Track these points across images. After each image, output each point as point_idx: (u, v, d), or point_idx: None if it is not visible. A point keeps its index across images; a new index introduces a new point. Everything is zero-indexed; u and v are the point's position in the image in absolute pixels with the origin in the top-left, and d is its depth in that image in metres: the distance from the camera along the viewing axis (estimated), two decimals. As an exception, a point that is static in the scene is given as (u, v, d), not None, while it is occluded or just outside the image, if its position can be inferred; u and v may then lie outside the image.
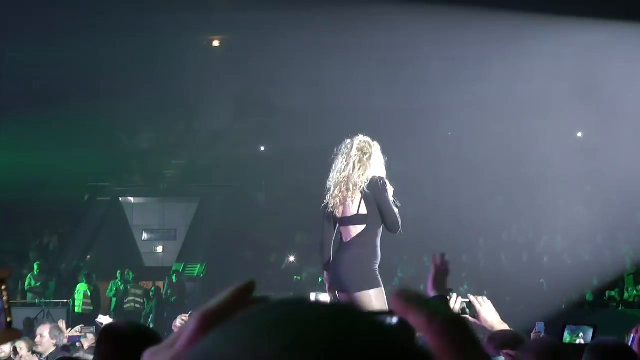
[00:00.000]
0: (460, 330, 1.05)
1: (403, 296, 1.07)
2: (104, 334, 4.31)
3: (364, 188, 7.17)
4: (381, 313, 1.05)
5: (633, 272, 21.67)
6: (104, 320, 12.07)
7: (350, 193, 7.24)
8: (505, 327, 5.37)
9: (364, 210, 7.19)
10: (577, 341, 5.14)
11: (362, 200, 7.20)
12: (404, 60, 25.64)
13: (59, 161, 25.25)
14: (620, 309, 19.52)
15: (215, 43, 29.12)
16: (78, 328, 11.04)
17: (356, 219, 7.23)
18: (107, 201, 29.59)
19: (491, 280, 20.99)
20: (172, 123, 29.38)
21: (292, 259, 25.59)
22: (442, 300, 5.61)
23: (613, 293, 21.18)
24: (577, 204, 23.74)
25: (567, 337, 5.27)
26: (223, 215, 27.54)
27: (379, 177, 7.20)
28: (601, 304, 20.69)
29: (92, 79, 25.15)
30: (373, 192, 7.16)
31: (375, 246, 7.24)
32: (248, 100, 27.68)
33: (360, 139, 7.43)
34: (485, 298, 5.53)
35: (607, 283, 21.62)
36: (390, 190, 7.35)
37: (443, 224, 22.69)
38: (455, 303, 5.62)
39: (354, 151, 7.32)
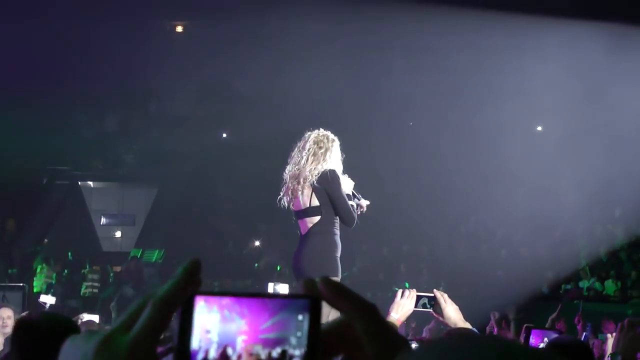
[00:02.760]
0: (382, 316, 1.15)
1: (333, 284, 1.16)
2: (17, 326, 4.32)
3: (314, 182, 7.25)
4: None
5: (588, 265, 21.95)
6: (47, 300, 11.99)
7: (300, 186, 7.32)
8: (467, 325, 5.43)
9: (315, 202, 7.30)
10: (541, 345, 5.20)
11: (313, 193, 7.29)
12: (366, 50, 25.65)
13: (18, 144, 25.02)
14: (575, 302, 19.73)
15: (179, 29, 28.98)
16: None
17: (310, 211, 7.33)
18: (65, 185, 29.41)
19: (449, 272, 21.15)
20: (133, 107, 29.21)
21: (257, 243, 25.64)
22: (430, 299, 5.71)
23: (569, 286, 21.43)
24: (535, 197, 23.92)
25: (532, 342, 5.32)
26: (182, 202, 27.47)
27: (329, 170, 7.26)
28: (556, 297, 20.90)
29: (53, 60, 24.89)
30: (323, 185, 7.24)
31: (334, 234, 7.30)
32: (211, 87, 27.60)
33: (319, 132, 7.48)
34: (447, 298, 5.60)
35: (563, 277, 21.89)
36: (347, 183, 7.41)
37: (402, 215, 22.78)
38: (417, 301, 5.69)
39: (310, 144, 7.39)
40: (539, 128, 27.49)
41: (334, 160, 7.36)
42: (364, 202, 7.60)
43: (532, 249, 22.79)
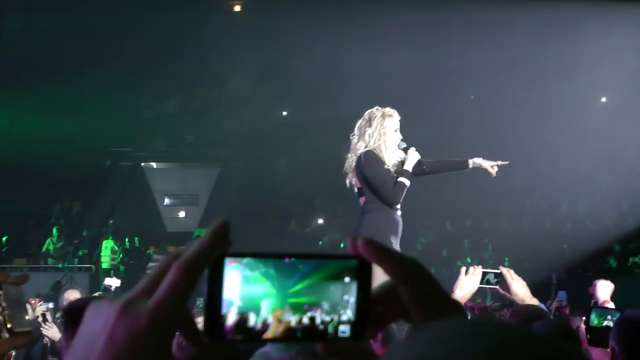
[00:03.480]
0: (429, 277, 1.09)
1: (375, 244, 1.09)
2: (65, 311, 4.23)
3: (352, 165, 7.31)
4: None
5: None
6: (112, 282, 11.97)
7: (351, 168, 7.39)
8: (535, 302, 5.35)
9: (358, 184, 7.31)
10: (605, 323, 5.09)
11: (355, 176, 7.31)
12: (426, 25, 25.45)
13: (82, 127, 25.34)
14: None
15: (237, 8, 29.00)
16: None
17: (359, 192, 7.38)
18: (129, 166, 29.70)
19: (513, 246, 20.95)
20: (194, 89, 29.36)
21: (320, 221, 25.66)
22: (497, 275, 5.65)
23: (637, 259, 21.10)
24: (600, 169, 23.60)
25: (594, 320, 5.22)
26: (245, 180, 27.56)
27: (363, 153, 7.25)
28: (625, 271, 20.63)
29: (115, 44, 25.12)
30: (359, 169, 7.25)
31: (383, 212, 7.26)
32: (270, 66, 27.61)
33: (370, 111, 7.46)
34: (514, 274, 5.54)
35: (631, 249, 21.56)
36: (412, 157, 7.34)
37: (465, 190, 22.63)
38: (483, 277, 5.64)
39: (359, 125, 7.43)
40: (603, 99, 27.05)
41: (381, 135, 7.32)
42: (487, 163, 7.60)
43: (598, 221, 22.48)
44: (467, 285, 5.60)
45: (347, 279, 1.10)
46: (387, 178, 7.21)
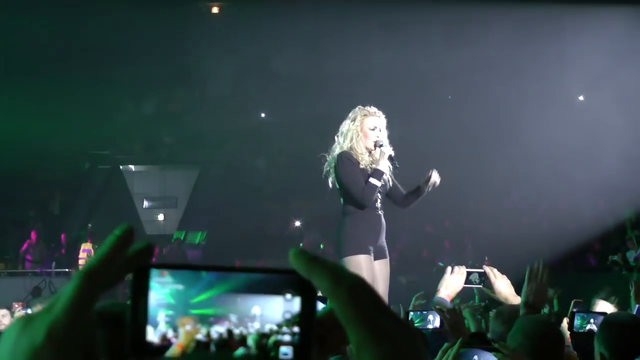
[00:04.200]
0: (367, 293, 0.99)
1: (304, 257, 1.00)
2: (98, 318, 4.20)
3: (331, 165, 7.33)
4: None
5: (635, 236, 21.68)
6: None
7: (330, 169, 7.40)
8: (518, 300, 5.34)
9: (336, 185, 7.31)
10: (588, 327, 5.09)
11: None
12: (403, 24, 25.47)
13: (60, 129, 25.19)
14: (623, 273, 19.53)
15: (215, 9, 28.94)
16: None
17: (337, 193, 7.35)
18: (107, 169, 29.58)
19: (492, 245, 20.99)
20: (171, 90, 29.28)
21: (297, 223, 25.64)
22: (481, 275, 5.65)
23: (616, 257, 21.18)
24: (578, 168, 23.68)
25: (577, 324, 5.21)
26: (224, 183, 27.51)
27: (337, 155, 7.25)
28: (604, 269, 20.72)
29: (91, 45, 25.02)
30: (335, 171, 7.26)
31: (362, 212, 7.21)
32: (248, 67, 27.57)
33: (355, 109, 7.46)
34: (497, 272, 5.54)
35: (610, 247, 21.65)
36: (384, 153, 7.30)
37: (444, 190, 22.65)
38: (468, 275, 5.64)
39: (341, 126, 7.45)
40: (581, 97, 27.14)
41: (358, 133, 7.31)
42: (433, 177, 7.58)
43: (577, 220, 22.56)
44: (452, 284, 5.61)
45: (288, 296, 1.01)
46: (357, 180, 7.18)
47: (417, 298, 7.08)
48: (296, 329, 1.01)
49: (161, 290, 1.02)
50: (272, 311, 1.01)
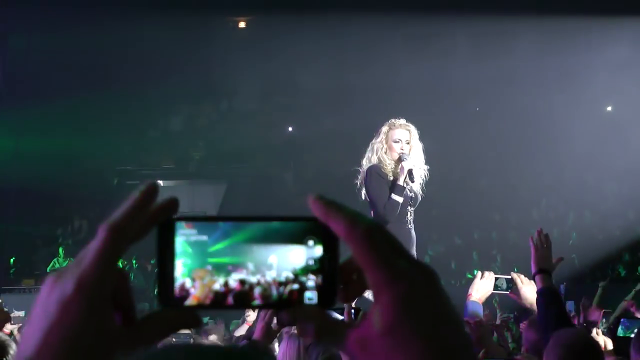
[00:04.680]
0: (382, 235, 1.01)
1: (322, 201, 1.03)
2: None
3: (362, 179, 7.32)
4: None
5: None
6: None
7: (361, 182, 7.38)
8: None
9: (366, 198, 7.30)
10: (632, 335, 5.09)
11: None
12: (429, 37, 25.47)
13: (88, 146, 25.35)
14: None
15: (242, 24, 29.04)
16: None
17: (369, 205, 7.33)
18: (135, 185, 29.65)
19: (521, 256, 20.86)
20: (199, 105, 29.37)
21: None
22: (508, 281, 5.67)
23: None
24: (607, 179, 23.55)
25: (620, 332, 5.21)
26: (252, 197, 27.53)
27: (368, 168, 7.23)
28: (635, 279, 20.57)
29: (120, 62, 25.18)
30: (364, 185, 7.26)
31: (391, 225, 7.12)
32: (275, 82, 27.63)
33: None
34: (525, 278, 5.56)
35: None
36: (406, 166, 7.26)
37: (472, 202, 22.61)
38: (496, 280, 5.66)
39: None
40: (609, 108, 27.01)
41: (383, 146, 7.29)
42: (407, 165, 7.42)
43: (605, 230, 22.43)
44: (482, 288, 5.64)
45: (310, 242, 1.04)
46: (382, 195, 7.15)
47: None
48: (320, 275, 1.03)
49: (187, 245, 1.05)
50: (291, 259, 1.04)
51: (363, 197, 7.37)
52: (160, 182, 30.68)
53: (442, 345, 0.95)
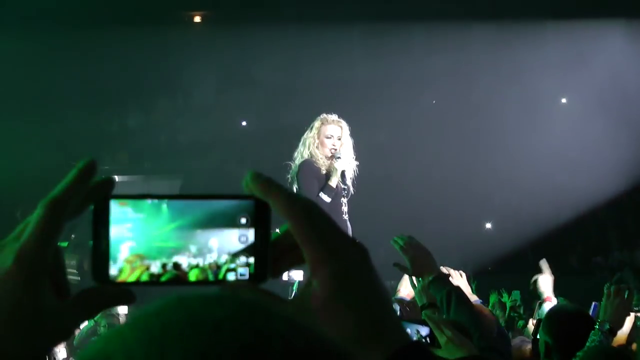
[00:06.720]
0: (320, 213, 1.05)
1: (260, 179, 1.09)
2: None
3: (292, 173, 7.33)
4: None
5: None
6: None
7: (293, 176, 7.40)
8: (474, 298, 5.42)
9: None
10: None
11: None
12: (386, 31, 25.51)
13: (41, 140, 25.10)
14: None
15: (197, 19, 28.91)
16: None
17: None
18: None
19: (476, 250, 21.06)
20: (153, 100, 29.20)
21: (277, 230, 25.61)
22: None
23: (599, 259, 21.29)
24: (560, 171, 23.75)
25: (542, 313, 5.28)
26: (207, 191, 27.44)
27: (301, 163, 7.25)
28: (587, 271, 20.81)
29: (74, 60, 24.95)
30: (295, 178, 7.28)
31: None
32: (229, 76, 27.56)
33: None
34: (461, 272, 5.59)
35: (592, 249, 21.75)
36: (339, 165, 7.25)
37: (428, 193, 22.68)
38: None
39: None
40: (564, 100, 27.21)
41: (314, 141, 7.29)
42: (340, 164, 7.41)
43: (558, 223, 22.65)
44: (409, 285, 5.69)
45: (243, 220, 1.07)
46: (311, 192, 7.16)
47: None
48: (253, 251, 1.07)
49: (122, 222, 1.05)
50: (228, 241, 1.06)
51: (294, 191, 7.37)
52: (116, 178, 30.45)
53: (373, 318, 1.00)
